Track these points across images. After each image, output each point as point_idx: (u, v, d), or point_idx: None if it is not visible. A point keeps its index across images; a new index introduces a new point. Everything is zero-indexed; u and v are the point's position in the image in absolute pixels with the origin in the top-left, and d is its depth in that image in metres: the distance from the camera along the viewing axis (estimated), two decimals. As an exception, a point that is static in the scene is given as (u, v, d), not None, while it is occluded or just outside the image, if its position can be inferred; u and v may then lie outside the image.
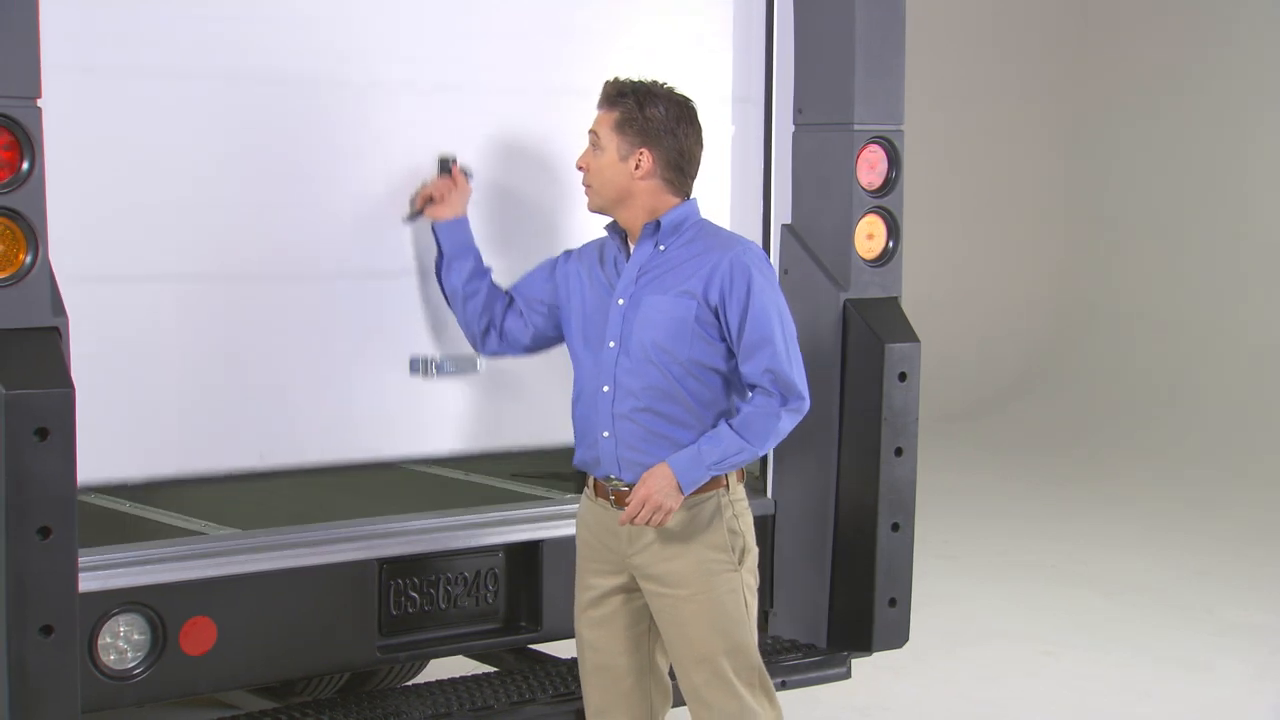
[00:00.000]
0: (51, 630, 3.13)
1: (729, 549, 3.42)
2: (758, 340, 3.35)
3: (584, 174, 3.47)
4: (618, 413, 3.40)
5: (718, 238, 3.44)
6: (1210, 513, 8.76)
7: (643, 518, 3.31)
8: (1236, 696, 5.79)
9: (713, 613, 3.39)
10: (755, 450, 3.37)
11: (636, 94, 3.41)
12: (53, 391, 3.10)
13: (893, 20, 4.11)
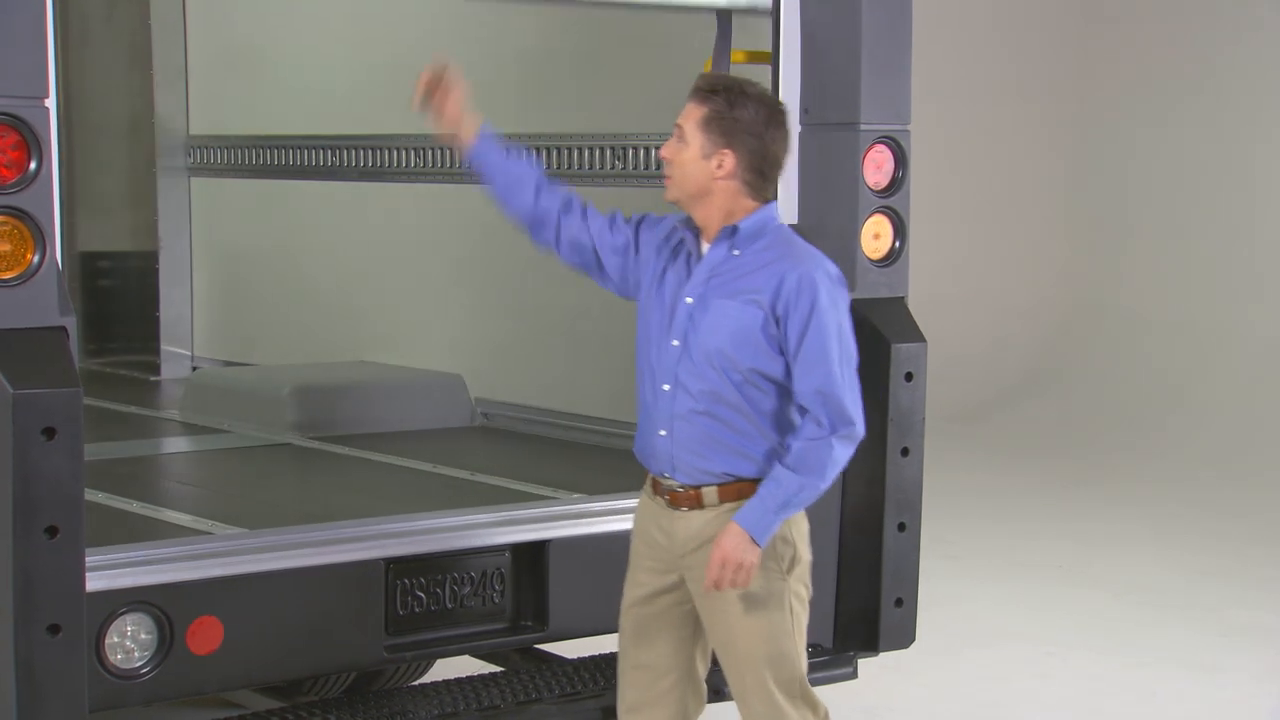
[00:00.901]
0: (59, 629, 3.13)
1: (778, 558, 3.37)
2: (812, 359, 3.28)
3: (666, 164, 3.39)
4: (676, 413, 3.36)
5: (792, 249, 3.37)
6: (1216, 514, 8.74)
7: (725, 580, 3.27)
8: (1242, 697, 5.78)
9: (758, 620, 3.37)
10: (816, 484, 3.28)
11: (728, 92, 3.33)
12: (60, 391, 3.10)
13: (899, 20, 4.11)
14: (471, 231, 5.48)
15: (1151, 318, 11.22)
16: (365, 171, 5.82)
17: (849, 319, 3.35)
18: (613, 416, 4.91)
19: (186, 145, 6.52)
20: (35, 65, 3.13)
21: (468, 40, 5.52)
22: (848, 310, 3.36)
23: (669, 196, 3.43)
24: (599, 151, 4.95)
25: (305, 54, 6.13)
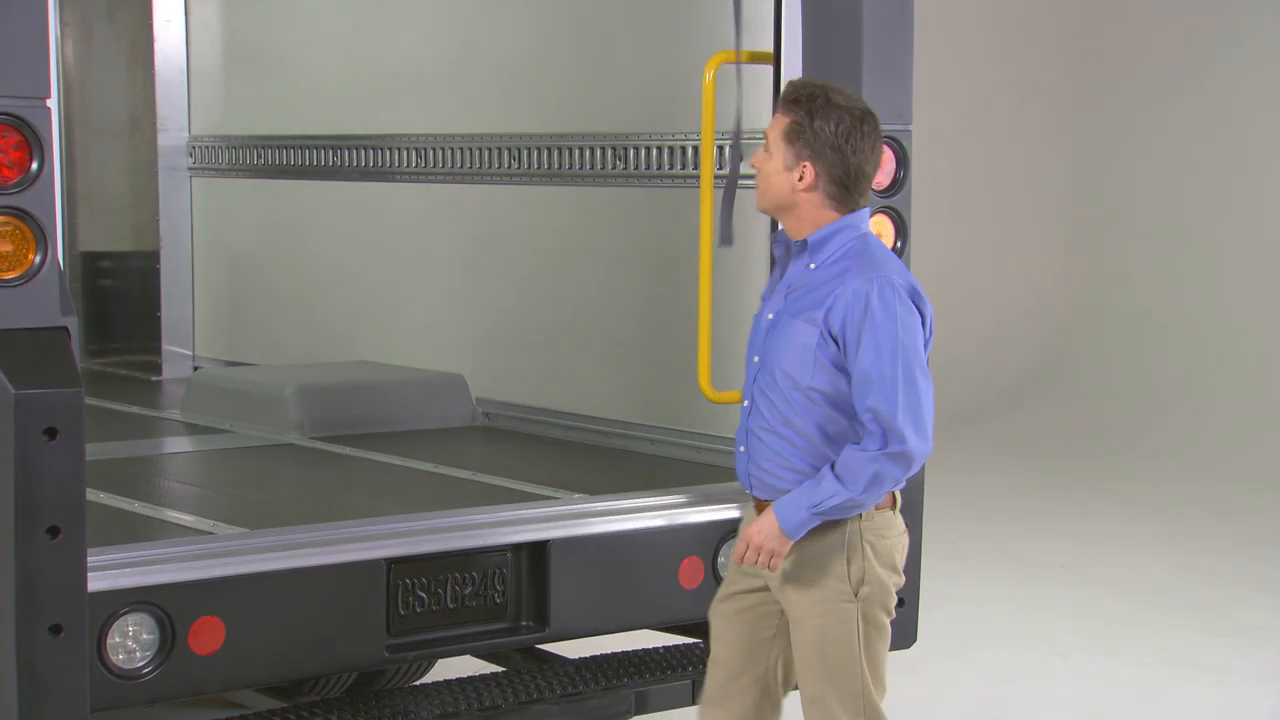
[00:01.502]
0: (61, 629, 3.13)
1: (845, 579, 3.31)
2: (867, 374, 3.20)
3: (756, 174, 3.38)
4: (751, 428, 3.37)
5: (861, 261, 3.27)
6: (1220, 513, 8.74)
7: (749, 560, 3.29)
8: (1247, 697, 5.78)
9: (820, 640, 3.34)
10: (852, 494, 3.21)
11: (810, 102, 3.26)
12: (62, 391, 3.10)
13: (901, 20, 4.11)
14: (473, 231, 5.48)
15: (1152, 317, 11.22)
16: (367, 171, 5.82)
17: (916, 331, 3.24)
18: (614, 416, 4.91)
19: (188, 145, 6.52)
20: (36, 66, 3.13)
21: (467, 39, 5.52)
22: (915, 322, 3.24)
23: (759, 206, 3.41)
24: (599, 151, 4.95)
25: (307, 54, 6.13)
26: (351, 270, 5.97)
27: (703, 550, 4.08)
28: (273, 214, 6.33)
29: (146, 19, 6.50)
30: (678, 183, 4.72)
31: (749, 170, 4.44)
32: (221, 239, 6.51)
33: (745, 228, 4.49)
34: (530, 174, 5.18)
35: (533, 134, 5.15)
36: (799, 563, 3.34)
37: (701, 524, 4.06)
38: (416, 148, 5.59)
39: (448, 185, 5.49)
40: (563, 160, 5.05)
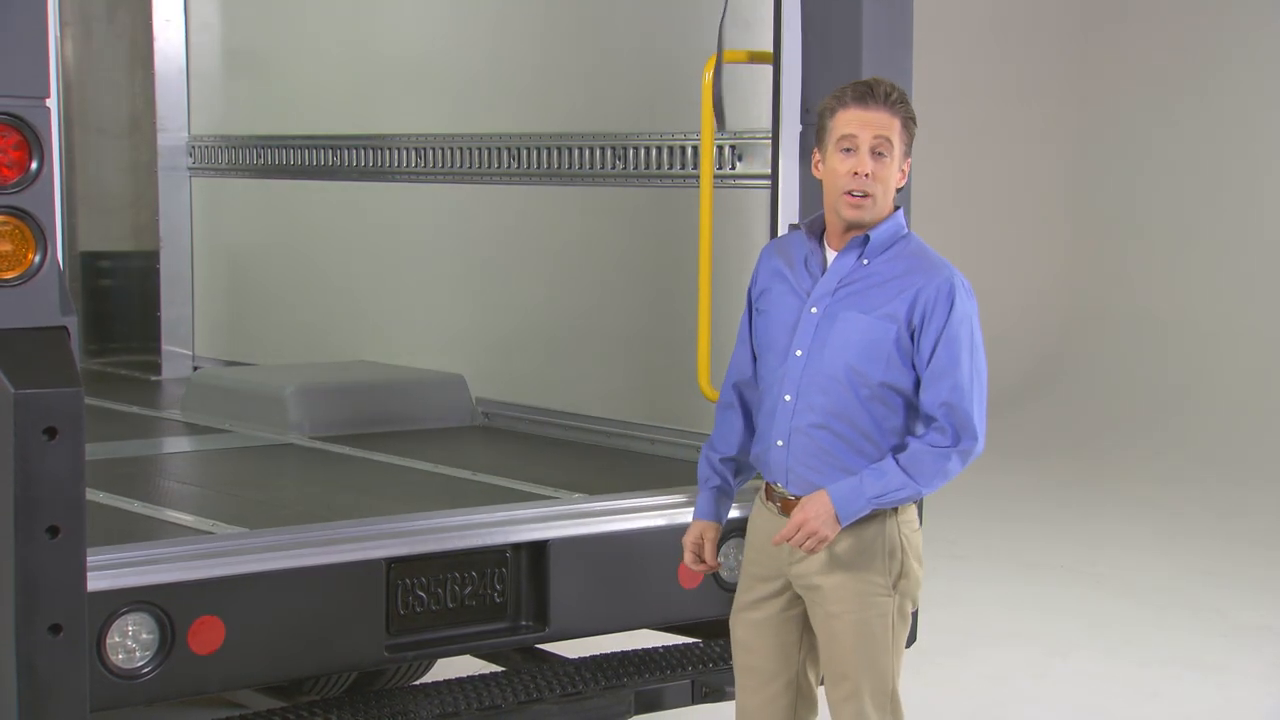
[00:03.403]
0: (60, 629, 3.13)
1: (886, 573, 3.33)
2: (942, 369, 3.21)
3: (866, 183, 3.23)
4: (796, 425, 3.30)
5: (926, 258, 3.29)
6: (1220, 513, 8.74)
7: (796, 542, 3.26)
8: (1247, 697, 5.78)
9: (858, 634, 3.33)
10: (919, 489, 3.23)
11: (901, 93, 3.25)
12: (62, 391, 3.10)
13: (900, 20, 4.11)
14: (473, 231, 5.48)
15: (1153, 317, 11.22)
16: (366, 171, 5.82)
17: (979, 331, 3.29)
18: (614, 416, 4.91)
19: (188, 145, 6.52)
20: (36, 65, 3.13)
21: (467, 39, 5.52)
22: (978, 323, 3.29)
23: (866, 217, 3.28)
24: (599, 151, 4.95)
25: (306, 54, 6.13)
26: (351, 270, 5.97)
27: (702, 550, 4.07)
28: (272, 214, 6.33)
29: (146, 19, 6.50)
30: (677, 183, 4.72)
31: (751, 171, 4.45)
32: (221, 239, 6.52)
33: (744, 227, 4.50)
34: (530, 174, 5.18)
35: (532, 134, 5.15)
36: (839, 556, 3.32)
37: (701, 524, 4.05)
38: (416, 148, 5.59)
39: (447, 185, 5.49)
40: (563, 160, 5.05)
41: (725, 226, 4.45)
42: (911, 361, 3.25)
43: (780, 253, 3.46)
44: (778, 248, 3.50)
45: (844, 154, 3.26)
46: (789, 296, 3.38)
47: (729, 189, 4.48)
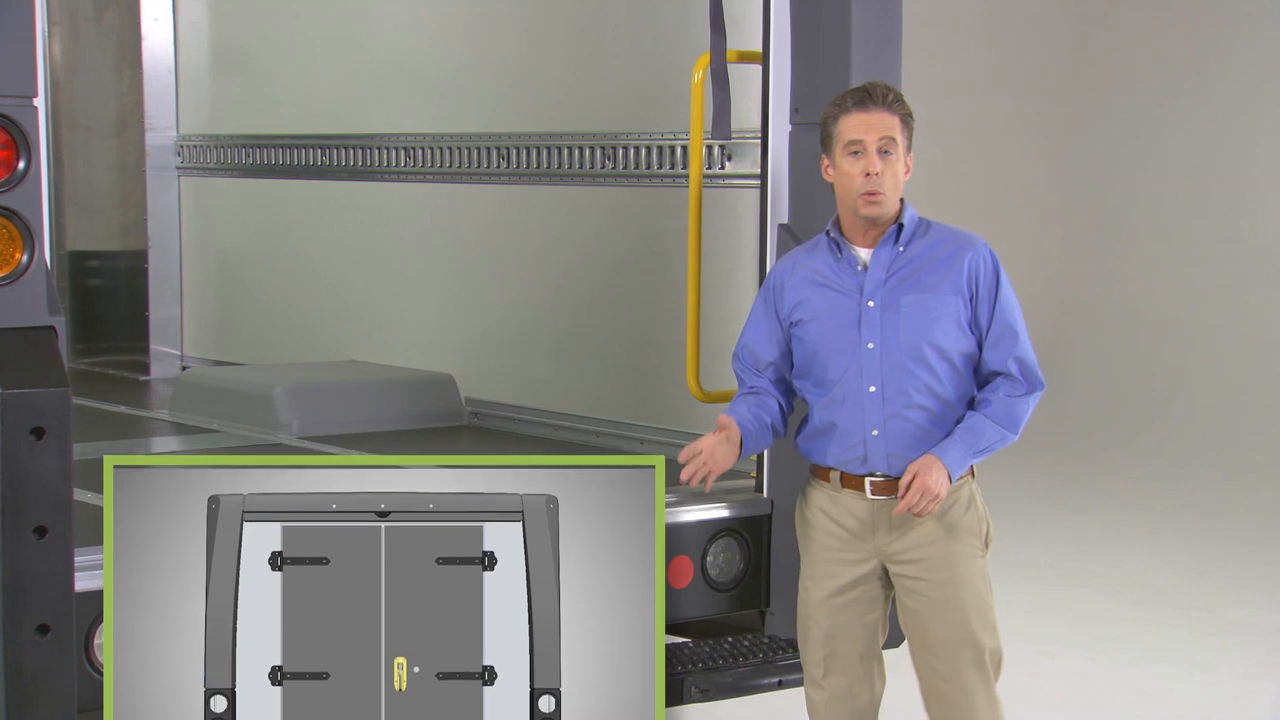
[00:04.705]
0: (48, 629, 3.13)
1: (980, 535, 3.58)
2: (1005, 330, 3.48)
3: (877, 182, 3.44)
4: (889, 412, 3.46)
5: (957, 233, 3.55)
6: (1208, 512, 8.76)
7: (918, 506, 3.41)
8: (1235, 696, 5.79)
9: (969, 597, 3.53)
10: (1010, 437, 3.51)
11: (896, 93, 3.49)
12: (49, 391, 3.10)
13: (889, 19, 4.11)
14: (461, 231, 5.48)
15: (1142, 316, 11.24)
16: (355, 171, 5.82)
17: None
18: (603, 415, 4.91)
19: (176, 144, 6.51)
20: (24, 64, 3.12)
21: (456, 39, 5.52)
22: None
23: (880, 213, 3.47)
24: (588, 151, 4.95)
25: (295, 53, 6.12)
26: (340, 270, 5.97)
27: (692, 550, 4.08)
28: (261, 214, 6.32)
29: (134, 18, 6.48)
30: (666, 182, 4.72)
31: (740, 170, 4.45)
32: (209, 238, 6.50)
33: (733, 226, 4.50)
34: (519, 173, 5.18)
35: (522, 133, 5.15)
36: (940, 524, 3.51)
37: (690, 524, 4.06)
38: (405, 147, 5.59)
39: (436, 185, 5.49)
40: (552, 160, 5.05)
41: (714, 226, 4.45)
42: (974, 328, 3.49)
43: (803, 264, 3.58)
44: (797, 261, 3.61)
45: (853, 157, 3.45)
46: (838, 298, 3.51)
47: (718, 189, 4.49)
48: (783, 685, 4.02)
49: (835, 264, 3.53)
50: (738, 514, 4.15)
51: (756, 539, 4.18)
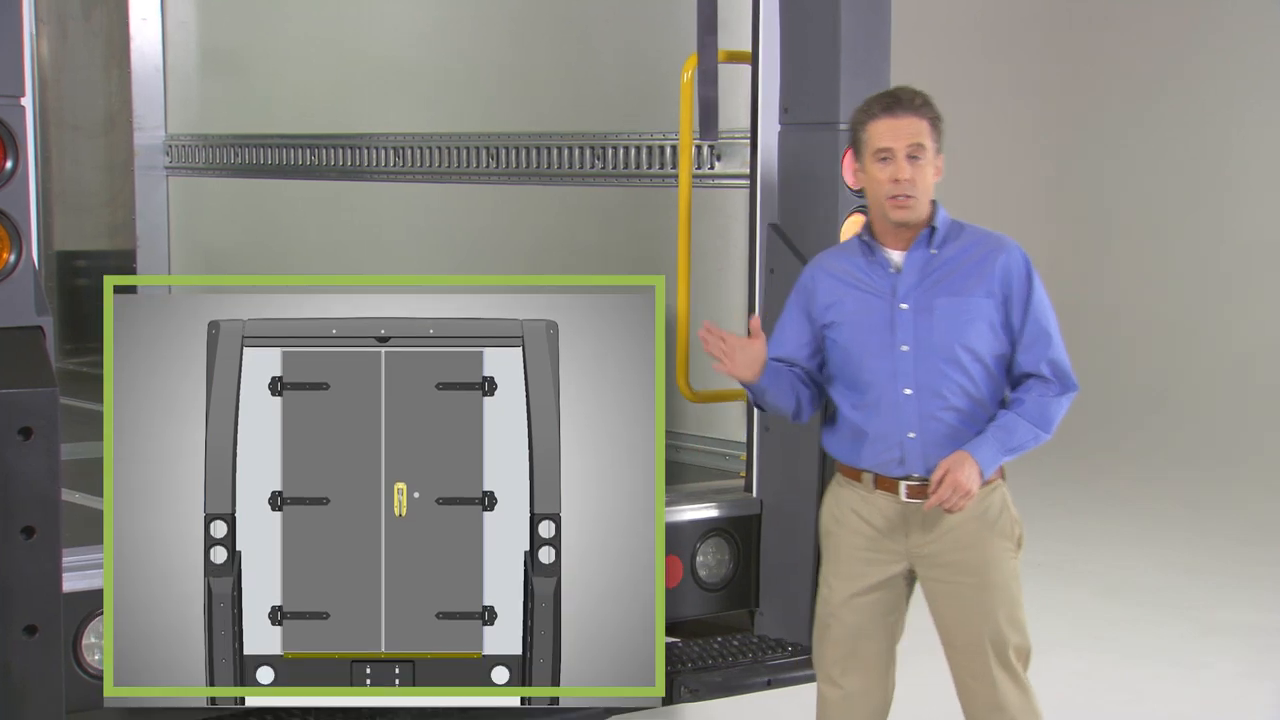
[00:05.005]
0: (36, 630, 3.12)
1: (1012, 536, 3.58)
2: (1038, 332, 3.52)
3: (907, 187, 3.46)
4: (925, 413, 3.49)
5: (990, 236, 3.57)
6: (1199, 512, 8.77)
7: (949, 502, 3.42)
8: (1227, 695, 5.80)
9: (1001, 597, 3.55)
10: (1043, 436, 3.55)
11: (925, 96, 3.54)
12: (37, 391, 3.09)
13: (878, 19, 4.12)
14: (452, 231, 5.47)
15: (1133, 318, 11.25)
16: (344, 171, 5.81)
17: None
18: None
19: (165, 144, 6.50)
20: (11, 64, 3.12)
21: (446, 38, 5.51)
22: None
23: (909, 218, 3.49)
24: (579, 151, 4.95)
25: (284, 52, 6.11)
26: (328, 270, 5.96)
27: (681, 550, 4.08)
28: (250, 213, 6.31)
29: (122, 17, 6.47)
30: (656, 182, 4.72)
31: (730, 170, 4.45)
32: (198, 238, 6.49)
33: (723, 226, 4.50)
34: (509, 173, 5.17)
35: (512, 133, 5.14)
36: (971, 531, 3.52)
37: (680, 524, 4.06)
38: (394, 147, 5.58)
39: (426, 185, 5.48)
40: (542, 160, 5.04)
41: (704, 226, 4.45)
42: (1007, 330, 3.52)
43: (835, 266, 3.60)
44: (827, 264, 3.63)
45: (882, 163, 3.49)
46: (871, 300, 3.53)
47: (708, 189, 4.48)
48: (772, 685, 4.02)
49: (867, 266, 3.55)
50: (727, 514, 4.15)
51: (746, 539, 4.17)
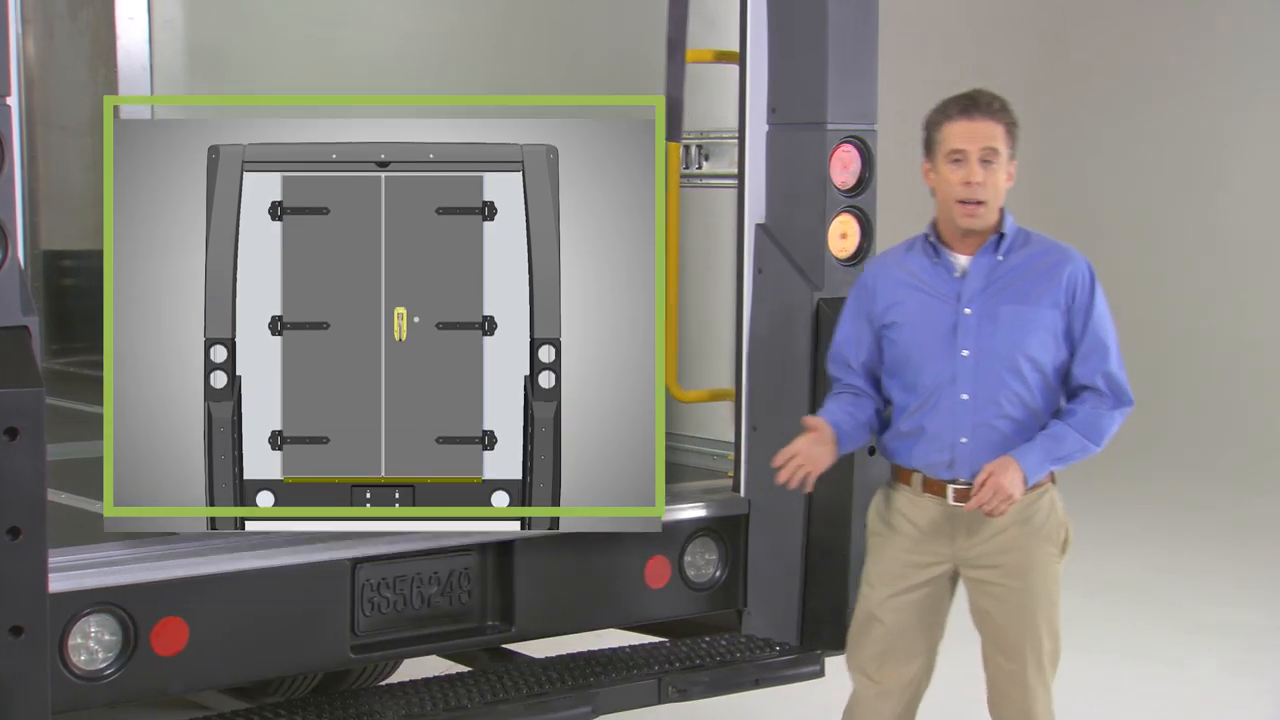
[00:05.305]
0: (22, 631, 3.11)
1: (1057, 541, 3.59)
2: (1096, 344, 3.52)
3: (978, 191, 3.46)
4: (979, 420, 3.50)
5: (1056, 246, 3.57)
6: (1182, 511, 8.81)
7: (990, 505, 3.42)
8: (1208, 694, 5.82)
9: (1042, 601, 3.57)
10: (1092, 448, 3.53)
11: (1003, 101, 3.52)
12: (23, 391, 3.08)
13: (865, 20, 4.12)
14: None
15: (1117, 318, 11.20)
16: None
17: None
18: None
19: (151, 144, 6.47)
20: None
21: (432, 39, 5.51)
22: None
23: (980, 224, 3.50)
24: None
25: (271, 52, 6.10)
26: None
27: (669, 550, 4.08)
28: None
29: (109, 16, 6.44)
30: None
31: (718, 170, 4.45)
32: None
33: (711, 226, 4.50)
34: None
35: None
36: (1017, 534, 3.53)
37: (668, 523, 4.05)
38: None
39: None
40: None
41: (692, 226, 4.45)
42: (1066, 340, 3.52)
43: (898, 266, 3.62)
44: (891, 263, 3.65)
45: (954, 165, 3.50)
46: (934, 303, 3.54)
47: (695, 189, 4.48)
48: (760, 684, 4.03)
49: (931, 268, 3.56)
50: (715, 514, 4.15)
51: (734, 539, 4.18)
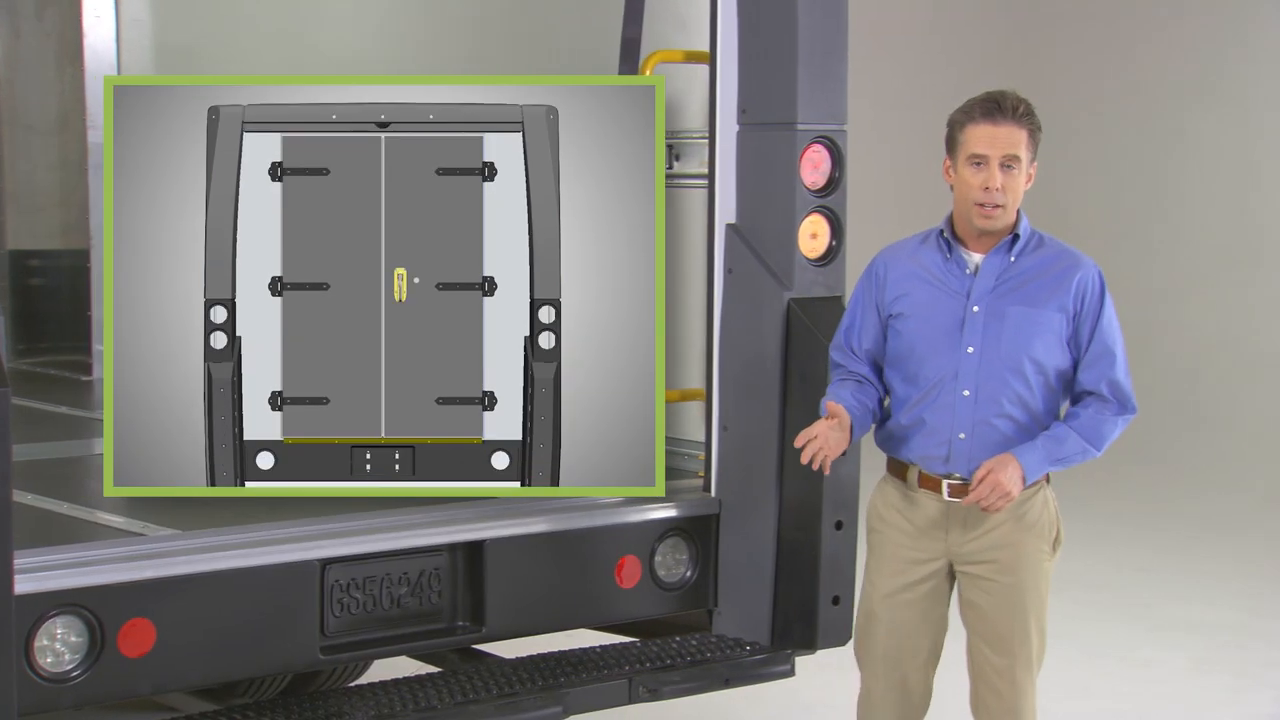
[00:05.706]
0: (-13, 633, 3.09)
1: (1049, 539, 3.64)
2: (1102, 351, 3.54)
3: (997, 196, 3.47)
4: (980, 418, 3.51)
5: (1068, 251, 3.58)
6: (1149, 510, 8.86)
7: (987, 501, 3.44)
8: (1175, 692, 5.85)
9: (1031, 597, 3.61)
10: (1092, 453, 3.55)
11: (1028, 105, 3.51)
12: (-12, 391, 3.06)
13: (835, 20, 4.13)
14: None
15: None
16: (301, 170, 5.77)
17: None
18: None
19: (119, 143, 6.44)
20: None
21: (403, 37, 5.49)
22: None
23: (996, 226, 3.51)
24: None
25: (239, 49, 6.07)
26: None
27: (640, 549, 4.08)
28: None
29: (75, 15, 6.41)
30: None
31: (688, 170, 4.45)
32: (153, 237, 6.44)
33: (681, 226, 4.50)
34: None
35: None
36: (1015, 526, 3.56)
37: (639, 523, 4.06)
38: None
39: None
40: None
41: (662, 226, 4.44)
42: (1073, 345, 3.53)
43: (909, 258, 3.62)
44: (903, 254, 3.65)
45: (975, 168, 3.49)
46: (943, 297, 3.54)
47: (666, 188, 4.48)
48: (730, 684, 4.03)
49: (943, 263, 3.56)
50: (686, 514, 4.15)
51: (705, 539, 4.18)
